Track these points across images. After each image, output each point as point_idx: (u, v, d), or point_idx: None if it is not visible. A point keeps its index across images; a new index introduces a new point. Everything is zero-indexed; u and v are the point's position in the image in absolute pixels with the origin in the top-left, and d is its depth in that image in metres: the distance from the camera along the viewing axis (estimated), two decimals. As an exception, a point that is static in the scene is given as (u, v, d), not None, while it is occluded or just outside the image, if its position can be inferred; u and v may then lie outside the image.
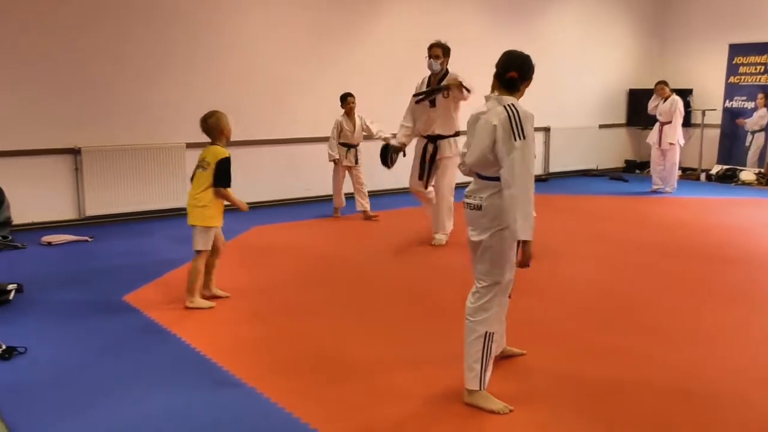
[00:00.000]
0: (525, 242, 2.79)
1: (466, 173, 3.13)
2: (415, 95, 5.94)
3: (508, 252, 2.91)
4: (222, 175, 4.33)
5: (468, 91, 5.68)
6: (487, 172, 2.93)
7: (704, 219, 7.44)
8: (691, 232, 6.72)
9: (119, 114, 7.06)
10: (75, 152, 6.85)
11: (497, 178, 2.87)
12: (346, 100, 7.27)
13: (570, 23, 10.71)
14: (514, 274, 3.01)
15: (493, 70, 3.00)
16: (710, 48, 10.93)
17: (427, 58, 5.86)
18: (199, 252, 4.39)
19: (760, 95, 10.23)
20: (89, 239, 6.29)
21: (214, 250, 4.49)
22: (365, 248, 6.03)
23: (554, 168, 10.77)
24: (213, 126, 4.35)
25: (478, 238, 2.95)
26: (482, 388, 2.97)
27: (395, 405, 3.03)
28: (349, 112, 7.30)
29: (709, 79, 10.92)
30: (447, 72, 5.87)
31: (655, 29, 11.74)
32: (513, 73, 2.93)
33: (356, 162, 7.40)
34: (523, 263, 2.85)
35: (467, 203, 3.01)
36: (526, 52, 3.04)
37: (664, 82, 9.30)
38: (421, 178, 6.06)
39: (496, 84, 2.99)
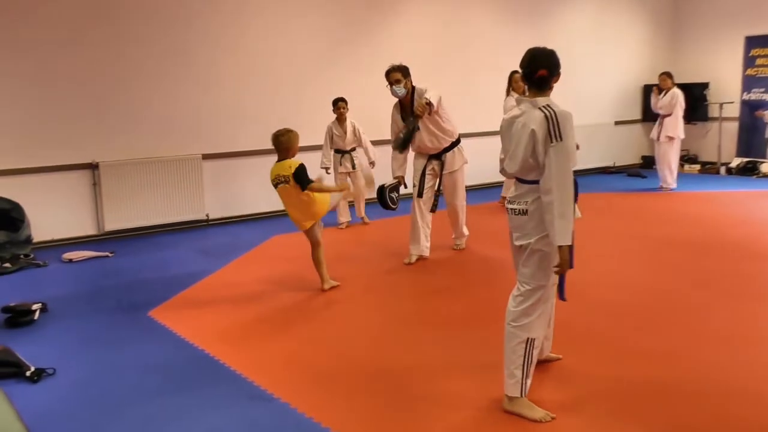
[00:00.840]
0: (561, 247, 2.73)
1: (508, 177, 3.07)
2: (394, 148, 5.47)
3: (554, 256, 2.84)
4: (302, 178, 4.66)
5: (431, 107, 5.26)
6: (529, 176, 2.87)
7: (729, 213, 7.31)
8: (716, 227, 6.61)
9: (135, 127, 7.05)
10: (93, 167, 6.85)
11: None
12: (337, 105, 7.08)
13: (583, 20, 10.62)
14: (556, 279, 2.93)
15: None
16: (726, 41, 10.80)
17: (389, 86, 5.37)
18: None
19: (778, 87, 10.10)
20: (110, 254, 6.27)
21: (312, 245, 4.92)
22: (386, 253, 5.95)
23: (571, 167, 10.63)
24: (284, 143, 4.70)
25: (525, 241, 2.88)
26: (523, 395, 2.91)
27: (432, 414, 2.97)
28: (339, 118, 7.13)
29: (725, 72, 10.79)
30: (414, 89, 5.47)
31: (669, 23, 11.62)
32: (543, 71, 2.86)
33: (353, 167, 7.25)
34: (561, 269, 2.78)
35: (512, 209, 2.94)
36: None
37: (667, 73, 9.11)
38: (423, 196, 5.63)
39: (525, 85, 2.94)
